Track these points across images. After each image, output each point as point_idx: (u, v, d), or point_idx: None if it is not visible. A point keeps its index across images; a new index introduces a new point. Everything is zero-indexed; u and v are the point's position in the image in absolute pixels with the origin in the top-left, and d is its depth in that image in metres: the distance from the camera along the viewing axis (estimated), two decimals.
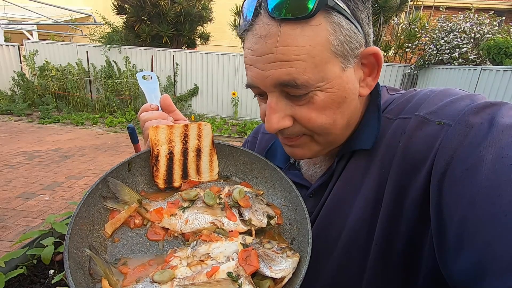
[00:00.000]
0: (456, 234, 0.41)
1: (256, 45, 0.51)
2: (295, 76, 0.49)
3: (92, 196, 0.57)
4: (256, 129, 0.96)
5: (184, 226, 0.61)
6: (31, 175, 4.58)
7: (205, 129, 0.71)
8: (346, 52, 0.51)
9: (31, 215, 3.48)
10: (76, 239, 0.51)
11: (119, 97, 9.19)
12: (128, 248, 0.57)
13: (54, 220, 1.50)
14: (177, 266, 0.52)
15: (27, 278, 1.30)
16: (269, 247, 0.56)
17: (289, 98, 0.54)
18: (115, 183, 0.61)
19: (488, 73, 5.77)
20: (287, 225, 0.65)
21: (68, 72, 9.08)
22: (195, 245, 0.57)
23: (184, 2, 9.13)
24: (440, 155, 0.46)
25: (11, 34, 13.26)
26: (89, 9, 13.17)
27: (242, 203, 0.63)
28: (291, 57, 0.48)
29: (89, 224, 0.55)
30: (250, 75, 0.56)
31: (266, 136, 0.89)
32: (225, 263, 0.52)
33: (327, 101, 0.52)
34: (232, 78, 9.27)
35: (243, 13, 0.56)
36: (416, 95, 0.59)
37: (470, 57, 6.91)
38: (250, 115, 9.47)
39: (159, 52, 9.25)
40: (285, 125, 0.55)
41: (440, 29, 7.63)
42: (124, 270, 0.52)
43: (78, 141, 6.60)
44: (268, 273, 0.51)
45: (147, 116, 0.70)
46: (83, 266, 0.49)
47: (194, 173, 0.70)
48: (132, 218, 0.60)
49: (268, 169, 0.72)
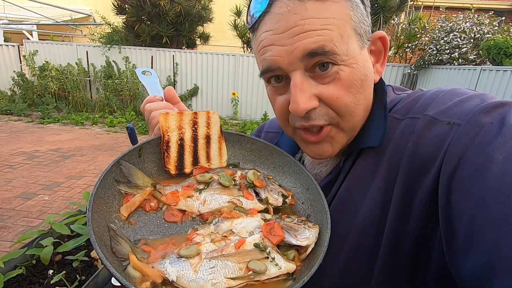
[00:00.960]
0: (465, 234, 0.41)
1: (278, 23, 0.51)
2: (323, 43, 0.49)
3: (106, 178, 0.56)
4: (259, 127, 0.96)
5: (202, 207, 0.61)
6: (30, 175, 4.57)
7: (214, 117, 0.72)
8: (362, 31, 0.53)
9: (30, 215, 3.48)
10: (96, 218, 0.50)
11: (119, 97, 9.19)
12: (146, 230, 0.57)
13: (53, 220, 1.50)
14: (201, 243, 0.53)
15: (26, 279, 1.29)
16: (289, 221, 0.58)
17: (314, 77, 0.53)
18: (128, 166, 0.61)
19: (488, 73, 5.77)
20: (300, 204, 0.67)
21: (68, 72, 9.08)
22: (217, 222, 0.57)
23: (184, 2, 9.13)
24: (449, 154, 0.46)
25: (11, 34, 13.25)
26: (89, 9, 13.16)
27: (258, 183, 0.65)
28: (317, 27, 0.49)
29: (106, 206, 0.55)
30: (270, 55, 0.53)
31: (269, 134, 0.89)
32: (248, 237, 0.53)
33: (352, 78, 0.53)
34: (232, 78, 9.27)
35: (255, 2, 0.55)
36: (423, 95, 0.59)
37: (470, 57, 6.90)
38: (250, 115, 9.46)
39: (159, 52, 9.25)
40: (313, 105, 0.53)
41: (440, 29, 7.63)
42: (147, 249, 0.52)
43: (78, 141, 6.59)
44: (294, 241, 0.53)
45: (153, 106, 0.71)
46: (106, 245, 0.48)
47: (204, 159, 0.70)
48: (147, 202, 0.60)
49: (275, 154, 0.74)
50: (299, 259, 0.54)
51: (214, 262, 0.49)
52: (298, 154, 0.79)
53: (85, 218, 1.62)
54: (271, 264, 0.49)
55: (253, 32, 0.58)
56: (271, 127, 0.91)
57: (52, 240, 1.38)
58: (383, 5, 8.31)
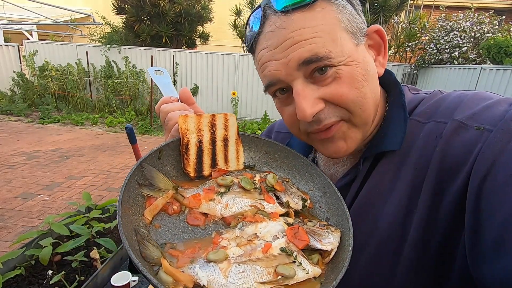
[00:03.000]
0: (494, 239, 0.42)
1: (271, 40, 0.54)
2: (316, 51, 0.51)
3: (131, 181, 0.56)
4: (269, 127, 0.95)
5: (224, 210, 0.61)
6: (30, 175, 4.58)
7: (231, 120, 0.72)
8: (354, 29, 0.55)
9: (30, 215, 3.48)
10: (124, 223, 0.50)
11: (119, 97, 9.19)
12: (171, 233, 0.57)
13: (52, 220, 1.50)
14: (227, 247, 0.53)
15: (25, 279, 1.29)
16: (311, 225, 0.59)
17: (315, 82, 0.54)
18: (150, 169, 0.61)
19: (488, 73, 5.76)
20: (318, 207, 0.68)
21: (68, 72, 9.08)
22: (242, 226, 0.58)
23: (184, 2, 9.12)
24: (480, 160, 0.46)
25: (10, 35, 13.26)
26: (88, 9, 13.16)
27: (278, 187, 0.65)
28: (308, 35, 0.51)
29: (131, 209, 0.55)
30: (269, 71, 0.56)
31: (280, 134, 0.88)
32: (273, 241, 0.54)
33: (353, 74, 0.53)
34: (232, 78, 9.26)
35: (250, 24, 0.59)
36: (445, 98, 0.59)
37: (470, 57, 6.90)
38: (250, 115, 9.46)
39: (159, 52, 9.24)
40: (319, 108, 0.54)
41: (440, 29, 7.63)
42: (174, 253, 0.52)
43: (78, 141, 6.60)
44: (319, 246, 0.54)
45: (169, 107, 0.70)
46: (135, 250, 0.48)
47: (222, 162, 0.70)
48: (169, 205, 0.60)
49: (292, 157, 0.74)
50: (323, 263, 0.55)
51: (244, 267, 0.49)
52: (311, 154, 0.79)
53: (84, 218, 1.62)
54: (298, 269, 0.50)
55: (253, 53, 0.61)
56: (282, 128, 0.90)
57: (51, 240, 1.38)
58: (383, 4, 8.30)
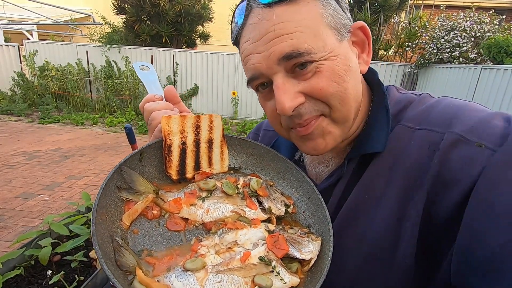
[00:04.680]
0: (485, 262, 0.42)
1: (253, 32, 0.53)
2: (297, 46, 0.50)
3: (108, 186, 0.54)
4: (257, 126, 0.95)
5: (205, 216, 0.60)
6: (31, 175, 4.57)
7: (216, 121, 0.70)
8: (338, 26, 0.54)
9: (31, 215, 3.48)
10: (99, 230, 0.49)
11: (119, 97, 9.18)
12: (149, 239, 0.55)
13: (52, 220, 1.50)
14: (206, 254, 0.52)
15: (24, 279, 1.29)
16: (292, 232, 0.58)
17: (295, 76, 0.54)
18: (130, 173, 0.59)
19: (489, 72, 5.75)
20: (301, 213, 0.67)
21: (68, 72, 9.07)
22: (221, 233, 0.57)
23: (184, 1, 9.11)
24: (484, 181, 0.46)
25: (11, 34, 13.26)
26: (88, 9, 13.16)
27: (261, 192, 0.64)
28: (290, 29, 0.50)
29: (108, 215, 0.53)
30: (251, 64, 0.55)
31: (269, 133, 0.87)
32: (253, 249, 0.53)
33: (334, 68, 0.53)
34: (232, 77, 9.26)
35: (235, 18, 0.59)
36: (436, 105, 0.58)
37: (470, 56, 6.88)
38: (250, 115, 9.46)
39: (159, 52, 9.24)
40: (298, 101, 0.54)
41: (440, 28, 7.61)
42: (151, 261, 0.51)
43: (78, 141, 6.59)
44: (299, 255, 0.54)
45: (153, 107, 0.68)
46: (110, 258, 0.47)
47: (206, 164, 0.69)
48: (149, 209, 0.59)
49: (277, 160, 0.73)
50: (302, 272, 0.54)
51: (221, 277, 0.48)
52: (298, 152, 0.78)
53: (83, 218, 1.62)
54: (276, 279, 0.49)
55: (238, 46, 0.61)
56: (270, 126, 0.89)
57: (50, 240, 1.38)
58: (383, 4, 8.29)
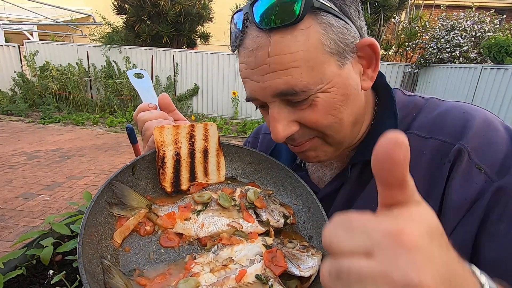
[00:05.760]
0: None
1: (249, 58, 0.51)
2: (292, 84, 0.48)
3: (98, 202, 0.52)
4: (256, 129, 0.93)
5: (200, 231, 0.57)
6: (31, 175, 4.58)
7: (211, 129, 0.68)
8: (341, 49, 0.51)
9: (31, 215, 3.48)
10: (87, 251, 0.46)
11: (120, 97, 9.19)
12: (142, 257, 0.53)
13: (53, 220, 1.50)
14: (200, 273, 0.49)
15: (26, 279, 1.29)
16: (291, 246, 0.55)
17: (291, 105, 0.53)
18: (121, 187, 0.57)
19: (489, 72, 5.74)
20: (301, 223, 0.64)
21: (69, 72, 9.07)
22: (216, 249, 0.54)
23: (184, 1, 9.11)
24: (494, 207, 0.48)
25: (11, 35, 13.26)
26: (89, 9, 13.16)
27: (258, 204, 0.61)
28: (286, 65, 0.48)
29: (97, 234, 0.50)
30: (248, 88, 0.56)
31: (268, 136, 0.86)
32: (249, 266, 0.50)
33: (330, 101, 0.51)
34: (232, 77, 9.25)
35: (232, 30, 0.57)
36: (447, 112, 0.57)
37: (471, 56, 6.87)
38: (251, 115, 9.45)
39: (159, 52, 9.24)
40: (292, 131, 0.54)
41: (440, 28, 7.60)
42: (142, 281, 0.48)
43: (78, 141, 6.60)
44: (298, 272, 0.50)
45: (146, 116, 0.67)
46: (98, 280, 0.44)
47: (202, 175, 0.66)
48: (142, 225, 0.56)
49: (276, 168, 0.70)
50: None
51: None
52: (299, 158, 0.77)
53: None
54: None
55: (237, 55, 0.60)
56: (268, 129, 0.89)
57: (52, 240, 1.37)
58: (383, 3, 8.28)
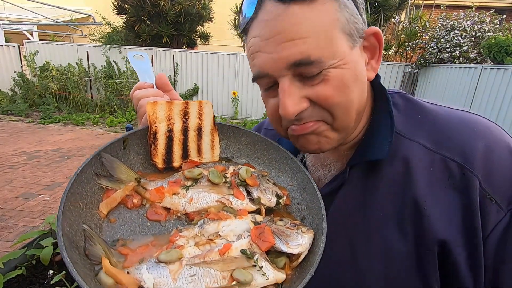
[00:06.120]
0: None
1: (264, 29, 0.50)
2: (308, 53, 0.48)
3: (85, 172, 0.51)
4: (258, 124, 0.93)
5: (188, 205, 0.57)
6: (31, 175, 4.58)
7: (206, 108, 0.67)
8: (352, 31, 0.52)
9: (31, 215, 3.48)
10: (69, 216, 0.45)
11: (120, 97, 9.19)
12: (127, 228, 0.52)
13: (53, 220, 1.50)
14: (184, 246, 0.48)
15: (26, 279, 1.29)
16: (281, 224, 0.54)
17: (302, 81, 0.52)
18: (110, 159, 0.56)
19: (489, 72, 5.74)
20: (295, 204, 0.63)
21: (69, 72, 9.07)
22: (202, 223, 0.53)
23: (184, 1, 9.11)
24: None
25: (11, 35, 13.27)
26: (89, 9, 13.16)
27: (250, 182, 0.60)
28: (303, 34, 0.48)
29: (82, 202, 0.50)
30: (258, 63, 0.53)
31: (270, 132, 0.86)
32: (236, 241, 0.49)
33: (342, 78, 0.51)
34: (232, 77, 9.25)
35: (244, 7, 0.55)
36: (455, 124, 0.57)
37: (471, 56, 6.88)
38: (251, 115, 9.45)
39: (159, 52, 9.24)
40: (302, 107, 0.53)
41: (440, 28, 7.60)
42: (124, 251, 0.48)
43: (78, 141, 6.60)
44: (285, 249, 0.49)
45: (142, 94, 0.66)
46: (78, 246, 0.44)
47: (195, 153, 0.65)
48: (129, 198, 0.55)
49: (272, 149, 0.69)
50: (290, 267, 0.50)
51: (195, 270, 0.45)
52: (300, 154, 0.77)
53: None
54: (258, 274, 0.46)
55: (245, 36, 0.58)
56: (271, 125, 0.89)
57: (52, 240, 1.38)
58: (383, 3, 8.29)
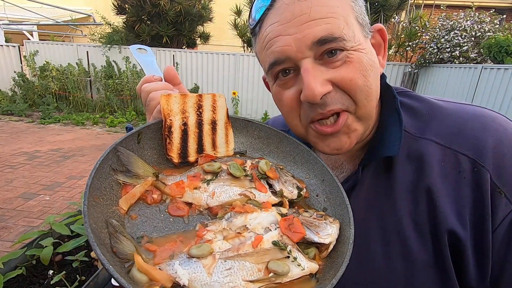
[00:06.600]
0: None
1: (284, 13, 0.52)
2: (332, 31, 0.51)
3: (102, 166, 0.49)
4: (264, 123, 0.94)
5: (210, 200, 0.56)
6: (31, 176, 4.58)
7: (220, 101, 0.66)
8: (364, 23, 0.56)
9: (31, 215, 3.48)
10: (93, 213, 0.44)
11: (120, 97, 9.18)
12: (149, 225, 0.51)
13: (53, 220, 1.50)
14: (213, 240, 0.47)
15: (26, 279, 1.29)
16: (307, 215, 0.54)
17: (324, 64, 0.53)
18: (127, 153, 0.54)
19: (489, 72, 5.74)
20: (314, 197, 0.63)
21: (69, 72, 9.07)
22: (229, 217, 0.52)
23: (184, 1, 9.11)
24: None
25: (11, 35, 13.26)
26: (89, 9, 13.16)
27: (271, 174, 0.60)
28: (326, 14, 0.51)
29: (103, 198, 0.48)
30: (278, 47, 0.53)
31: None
32: (264, 234, 0.49)
33: (363, 61, 0.54)
34: (232, 77, 9.25)
35: (256, 2, 0.57)
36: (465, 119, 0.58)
37: (471, 56, 6.87)
38: (251, 115, 9.45)
39: (159, 52, 9.23)
40: (327, 89, 0.53)
41: (440, 28, 7.60)
42: (152, 248, 0.46)
43: (78, 141, 6.60)
44: (317, 239, 0.49)
45: (151, 87, 0.64)
46: (105, 243, 0.42)
47: (210, 147, 0.64)
48: (149, 193, 0.54)
49: (286, 142, 0.69)
50: (320, 258, 0.50)
51: (230, 263, 0.44)
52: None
53: None
54: (292, 265, 0.45)
55: (256, 32, 0.59)
56: (276, 124, 0.87)
57: (52, 240, 1.38)
58: (383, 3, 8.28)
